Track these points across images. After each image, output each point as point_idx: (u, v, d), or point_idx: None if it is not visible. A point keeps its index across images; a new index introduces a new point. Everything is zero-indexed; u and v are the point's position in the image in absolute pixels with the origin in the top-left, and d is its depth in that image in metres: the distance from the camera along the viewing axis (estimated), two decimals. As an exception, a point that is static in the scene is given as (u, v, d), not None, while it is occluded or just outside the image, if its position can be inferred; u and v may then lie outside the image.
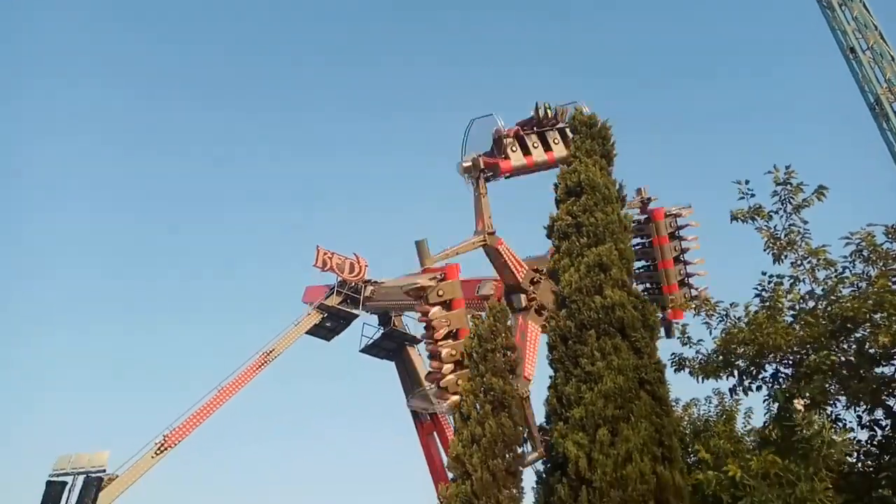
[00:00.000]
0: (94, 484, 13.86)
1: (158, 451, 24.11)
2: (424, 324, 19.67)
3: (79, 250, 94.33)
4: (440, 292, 19.58)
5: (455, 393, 16.88)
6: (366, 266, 29.53)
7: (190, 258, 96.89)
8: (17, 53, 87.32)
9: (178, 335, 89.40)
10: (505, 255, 21.26)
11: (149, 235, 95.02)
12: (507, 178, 21.75)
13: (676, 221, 22.88)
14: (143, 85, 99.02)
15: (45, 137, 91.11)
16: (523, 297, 20.72)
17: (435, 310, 18.95)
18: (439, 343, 18.48)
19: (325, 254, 28.88)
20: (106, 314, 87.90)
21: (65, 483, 14.40)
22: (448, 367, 17.90)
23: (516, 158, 20.87)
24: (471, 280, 22.62)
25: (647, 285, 22.67)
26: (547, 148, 20.54)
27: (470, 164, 21.14)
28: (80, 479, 14.26)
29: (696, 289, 21.80)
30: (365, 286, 29.27)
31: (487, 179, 21.51)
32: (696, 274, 22.84)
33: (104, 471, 14.83)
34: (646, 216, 22.82)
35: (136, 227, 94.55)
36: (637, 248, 22.55)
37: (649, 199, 22.91)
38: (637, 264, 22.42)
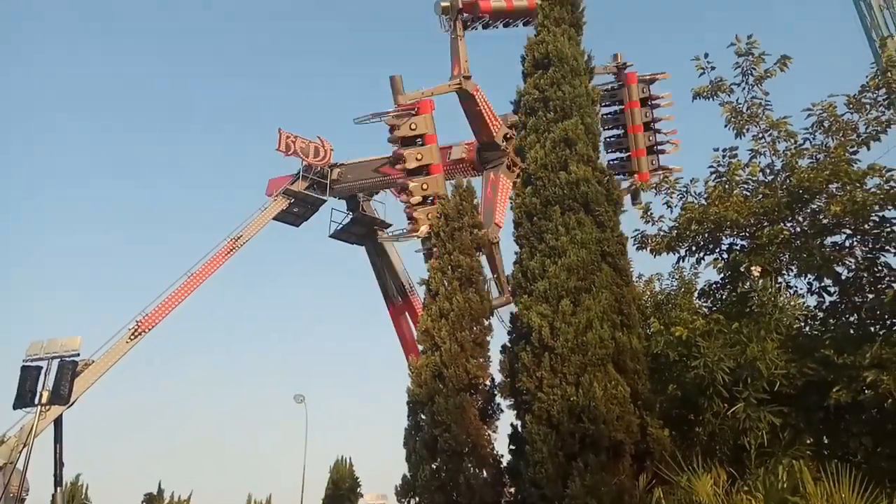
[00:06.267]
0: (68, 367, 13.94)
1: (132, 337, 24.47)
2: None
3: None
4: (412, 125, 20.03)
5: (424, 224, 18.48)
6: (331, 150, 28.79)
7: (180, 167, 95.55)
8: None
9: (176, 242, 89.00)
10: (480, 104, 21.40)
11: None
12: (485, 26, 21.45)
13: (649, 89, 22.77)
14: None
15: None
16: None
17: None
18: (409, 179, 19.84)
19: (287, 137, 27.84)
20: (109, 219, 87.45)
21: (40, 367, 14.44)
22: (416, 199, 19.53)
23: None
24: (443, 148, 22.73)
25: (619, 154, 22.74)
26: None
27: (448, 2, 20.83)
28: (55, 363, 14.30)
29: (668, 169, 21.73)
30: (331, 170, 28.74)
31: (465, 24, 21.31)
32: (666, 143, 22.92)
33: (78, 355, 14.92)
34: (620, 83, 22.70)
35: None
36: (610, 116, 22.59)
37: (624, 65, 22.70)
38: (610, 133, 22.62)
